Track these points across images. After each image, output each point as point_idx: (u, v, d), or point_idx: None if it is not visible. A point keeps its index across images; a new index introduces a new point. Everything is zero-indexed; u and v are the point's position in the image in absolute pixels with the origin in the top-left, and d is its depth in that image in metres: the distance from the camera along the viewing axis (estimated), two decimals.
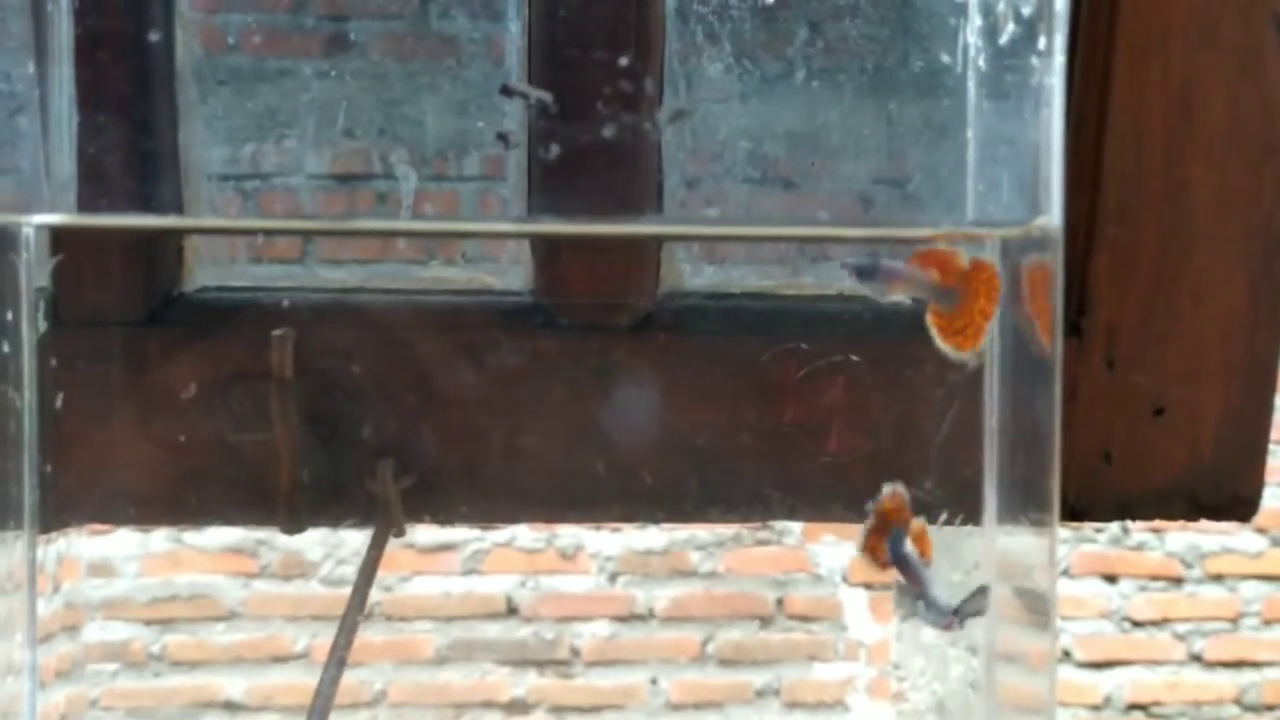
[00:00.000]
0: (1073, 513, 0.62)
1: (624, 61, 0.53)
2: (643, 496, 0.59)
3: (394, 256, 0.63)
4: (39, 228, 0.52)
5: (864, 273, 0.52)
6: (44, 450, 0.54)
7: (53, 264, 0.54)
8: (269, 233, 0.62)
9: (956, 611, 0.54)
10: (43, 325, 0.54)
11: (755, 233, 0.59)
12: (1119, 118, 0.59)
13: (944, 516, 0.52)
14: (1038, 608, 0.48)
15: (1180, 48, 0.59)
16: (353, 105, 0.61)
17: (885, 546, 0.55)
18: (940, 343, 0.52)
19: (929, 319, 0.53)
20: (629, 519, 0.59)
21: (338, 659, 0.51)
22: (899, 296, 0.52)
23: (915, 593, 0.55)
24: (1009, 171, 0.47)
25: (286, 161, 0.62)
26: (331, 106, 0.61)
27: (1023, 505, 0.47)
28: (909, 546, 0.54)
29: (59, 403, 0.54)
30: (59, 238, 0.54)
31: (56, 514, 0.55)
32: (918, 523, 0.54)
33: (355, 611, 0.54)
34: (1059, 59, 0.44)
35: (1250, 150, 0.60)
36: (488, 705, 2.26)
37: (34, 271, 0.53)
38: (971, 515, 0.52)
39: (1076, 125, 0.60)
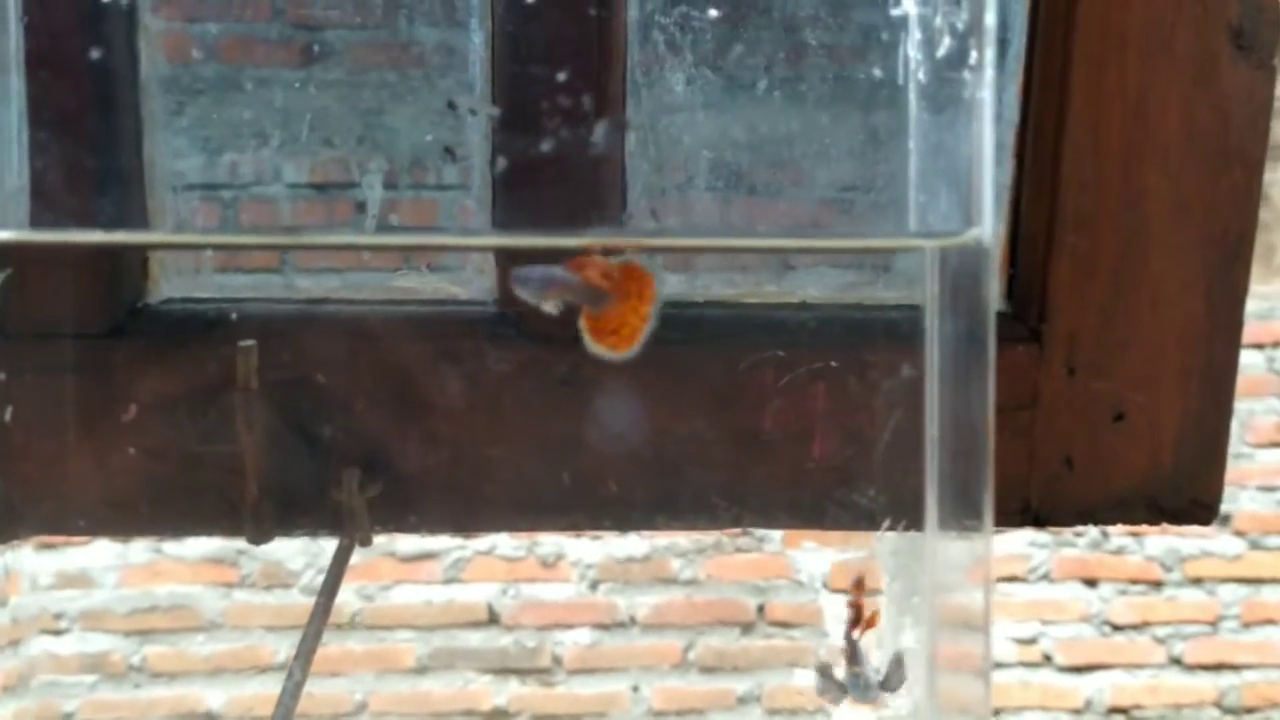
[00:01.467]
0: (1036, 518, 0.63)
1: (584, 73, 0.53)
2: (607, 503, 0.60)
3: (370, 265, 0.63)
4: None
5: (521, 281, 0.53)
6: None
7: (1, 278, 0.54)
8: (224, 247, 0.62)
9: (883, 685, 0.55)
10: None
11: (713, 244, 0.60)
12: (1076, 127, 0.59)
13: (887, 523, 0.53)
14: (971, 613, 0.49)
15: (1136, 57, 0.59)
16: (330, 114, 0.62)
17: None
18: (593, 345, 0.54)
19: (581, 323, 0.54)
20: (594, 526, 0.60)
21: (301, 664, 0.52)
22: (554, 302, 0.53)
23: (849, 675, 0.57)
24: (946, 183, 0.47)
25: (262, 171, 0.62)
26: (308, 116, 0.61)
27: (963, 510, 0.48)
28: (853, 636, 0.56)
29: (8, 416, 0.54)
30: (7, 253, 0.54)
31: (6, 526, 0.55)
32: (872, 604, 0.56)
33: (319, 619, 0.54)
34: (989, 73, 0.44)
35: (1207, 158, 0.60)
36: (469, 714, 2.26)
37: None
38: (914, 522, 0.53)
39: (1035, 134, 0.61)
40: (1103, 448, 0.62)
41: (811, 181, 0.62)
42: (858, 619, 0.58)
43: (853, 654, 0.57)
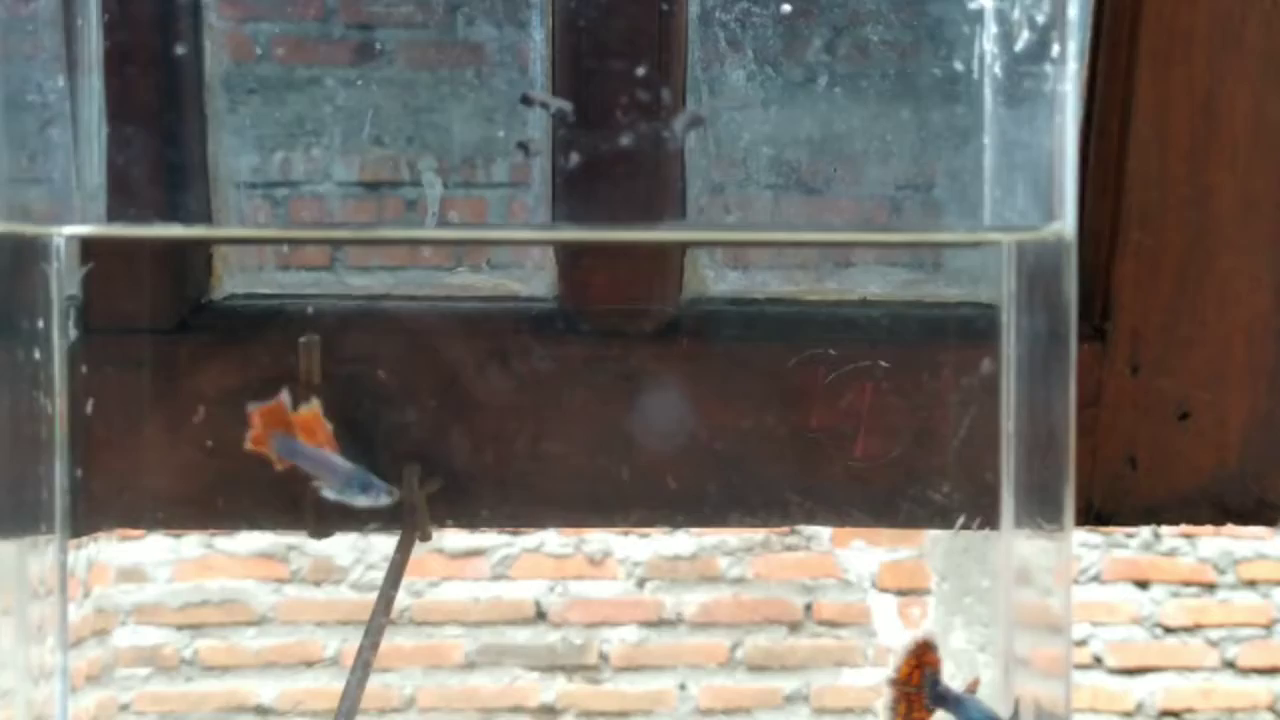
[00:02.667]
0: (1098, 518, 0.62)
1: (645, 69, 0.53)
2: (666, 501, 0.60)
3: (421, 264, 0.63)
4: (69, 238, 0.53)
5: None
6: (75, 456, 0.55)
7: (82, 273, 0.54)
8: (295, 242, 0.62)
9: None
10: (73, 333, 0.54)
11: (775, 238, 0.60)
12: (1142, 123, 0.59)
13: (961, 520, 0.52)
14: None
15: (1204, 52, 0.58)
16: (381, 113, 0.62)
17: (921, 700, 0.55)
18: None
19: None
20: (652, 523, 0.60)
21: (363, 662, 0.52)
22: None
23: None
24: (1024, 177, 0.46)
25: (315, 169, 0.62)
26: (360, 114, 0.62)
27: (1040, 509, 0.47)
28: (942, 686, 0.54)
29: (89, 409, 0.55)
30: (88, 247, 0.55)
31: (87, 518, 0.56)
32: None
33: (381, 615, 0.55)
34: (1072, 66, 0.44)
35: (1275, 154, 0.59)
36: (516, 710, 2.26)
37: (64, 280, 0.54)
38: (989, 520, 0.52)
39: (1099, 131, 0.60)
40: (1167, 447, 0.62)
41: (871, 179, 0.61)
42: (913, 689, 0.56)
43: (951, 703, 0.55)
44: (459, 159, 0.62)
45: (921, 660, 0.54)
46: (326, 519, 0.59)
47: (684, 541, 2.27)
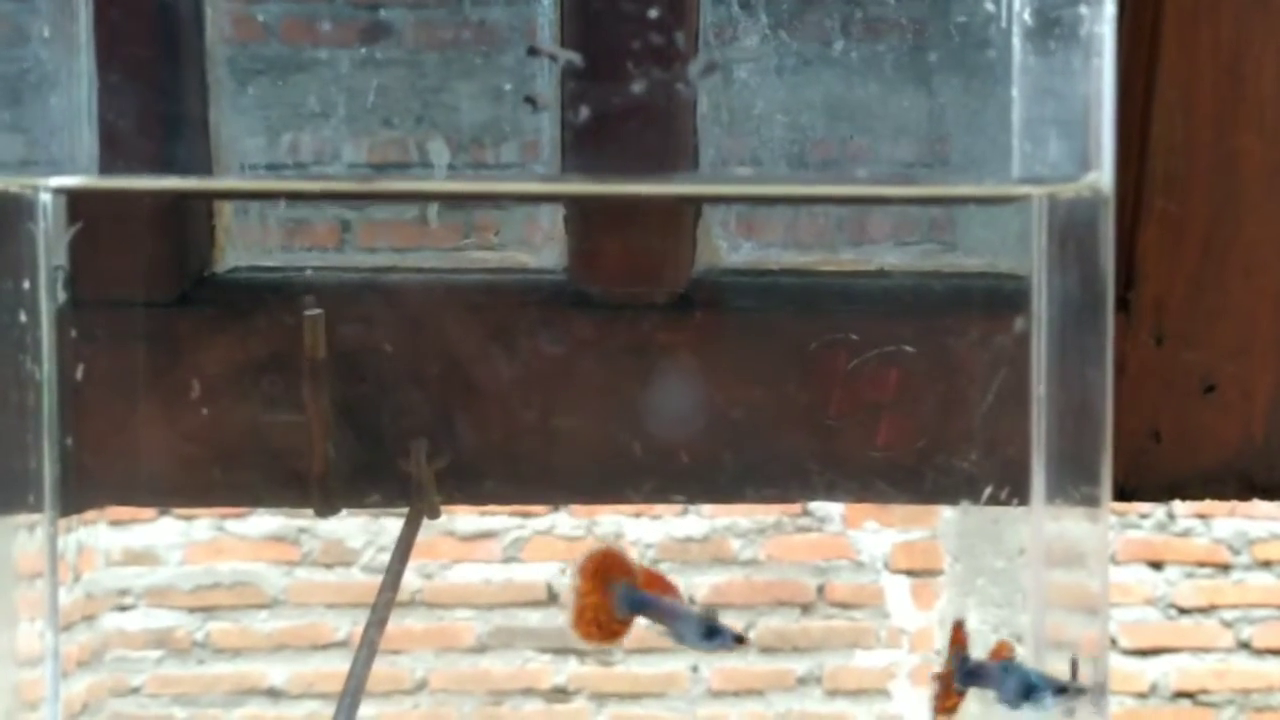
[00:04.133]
0: (1121, 493, 0.61)
1: (656, 14, 0.51)
2: (679, 475, 0.59)
3: (429, 244, 0.63)
4: (56, 193, 0.51)
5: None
6: (64, 425, 0.53)
7: (71, 233, 0.53)
8: (295, 196, 0.61)
9: (1065, 690, 0.50)
10: (62, 296, 0.53)
11: (791, 192, 0.58)
12: (1167, 87, 0.57)
13: (988, 492, 0.51)
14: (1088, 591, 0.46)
15: (1231, 13, 0.57)
16: (389, 93, 0.61)
17: (954, 685, 0.53)
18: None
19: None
20: (665, 499, 0.59)
21: (370, 639, 0.51)
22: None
23: (1013, 689, 0.52)
24: (1057, 129, 0.45)
25: (324, 150, 0.61)
26: (368, 95, 0.61)
27: (1072, 480, 0.46)
28: (973, 661, 0.52)
29: (79, 376, 0.54)
30: (80, 207, 0.53)
31: (79, 493, 0.55)
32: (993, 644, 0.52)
33: (389, 590, 0.54)
34: (1109, 6, 0.42)
35: None
36: (528, 692, 2.26)
37: (53, 240, 0.52)
38: (1018, 492, 0.51)
39: (1123, 95, 0.58)
40: (1192, 420, 0.60)
41: (888, 146, 0.60)
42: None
43: (984, 678, 0.52)
44: (469, 139, 0.61)
45: (952, 643, 0.53)
46: (333, 496, 0.58)
47: (696, 523, 2.26)
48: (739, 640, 0.53)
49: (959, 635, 0.53)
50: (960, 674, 0.53)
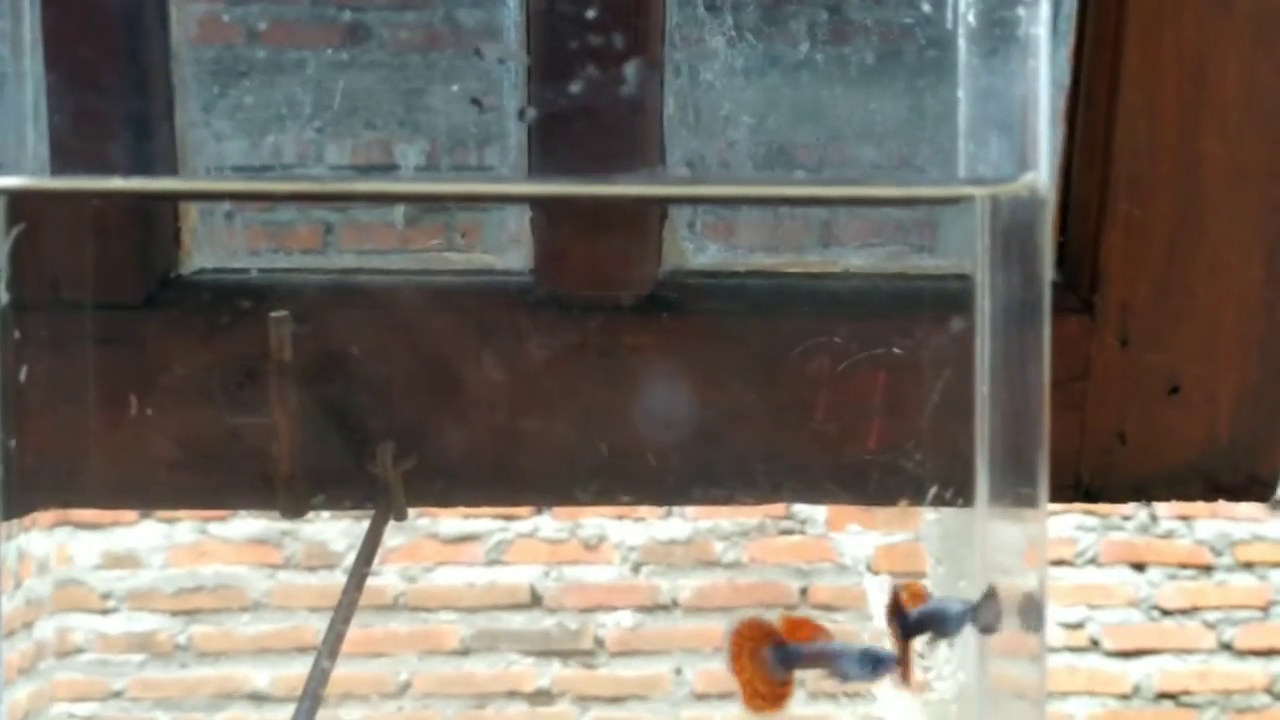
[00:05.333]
0: (1087, 494, 0.61)
1: (617, 16, 0.51)
2: (644, 477, 0.59)
3: (399, 246, 0.63)
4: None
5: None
6: (7, 426, 0.53)
7: (13, 235, 0.53)
8: (257, 198, 0.61)
9: (974, 619, 0.51)
10: (4, 296, 0.53)
11: (755, 193, 0.58)
12: (1130, 90, 0.58)
13: (933, 492, 0.51)
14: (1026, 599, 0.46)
15: (1194, 17, 0.57)
16: (371, 96, 0.61)
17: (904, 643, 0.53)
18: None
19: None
20: (629, 500, 0.59)
21: (332, 641, 0.51)
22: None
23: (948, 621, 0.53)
24: (998, 130, 0.45)
25: (306, 153, 0.61)
26: (349, 97, 0.61)
27: (1016, 481, 0.46)
28: (911, 615, 0.53)
29: (23, 376, 0.54)
30: (24, 209, 0.53)
31: (29, 494, 0.54)
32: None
33: (353, 591, 0.54)
34: (1044, 8, 0.42)
35: (1266, 122, 0.58)
36: (512, 695, 2.26)
37: None
38: (963, 491, 0.51)
39: (1087, 98, 0.59)
40: (1157, 421, 0.61)
41: (854, 150, 0.60)
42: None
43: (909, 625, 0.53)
44: (451, 142, 0.61)
45: (892, 613, 0.53)
46: (299, 498, 0.58)
47: (679, 526, 2.26)
48: (897, 661, 0.53)
49: (896, 603, 0.53)
50: (901, 628, 0.53)
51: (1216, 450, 0.61)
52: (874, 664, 0.52)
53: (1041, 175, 0.43)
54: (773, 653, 0.53)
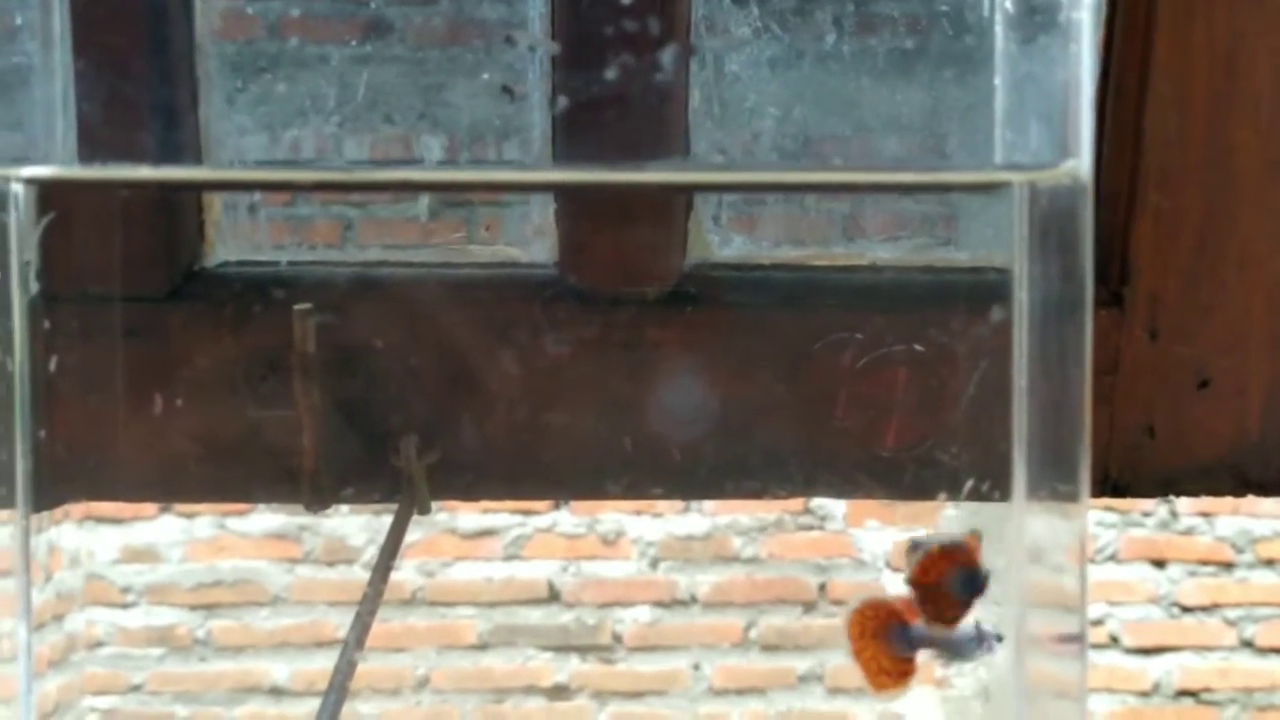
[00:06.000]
0: (1115, 488, 0.61)
1: (645, 3, 0.51)
2: (669, 471, 0.58)
3: (422, 240, 0.62)
4: (28, 183, 0.51)
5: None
6: (37, 417, 0.53)
7: (43, 224, 0.53)
8: (278, 188, 0.61)
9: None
10: (35, 287, 0.53)
11: (771, 179, 0.58)
12: (1161, 80, 0.57)
13: (969, 485, 0.50)
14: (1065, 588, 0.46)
15: (1225, 6, 0.57)
16: (391, 90, 0.61)
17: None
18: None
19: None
20: (654, 495, 0.58)
21: (357, 634, 0.51)
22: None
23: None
24: (1038, 117, 0.45)
25: (325, 148, 0.61)
26: (370, 92, 0.61)
27: (1052, 473, 0.46)
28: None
29: (53, 367, 0.54)
30: (52, 198, 0.53)
31: (54, 486, 0.54)
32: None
33: (377, 585, 0.54)
34: None
35: None
36: (530, 690, 2.26)
37: (24, 231, 0.52)
38: (1000, 484, 0.51)
39: (1116, 88, 0.58)
40: (1186, 415, 0.60)
41: (881, 142, 0.60)
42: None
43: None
44: (471, 136, 0.61)
45: (950, 560, 0.52)
46: (323, 492, 0.58)
47: (697, 521, 2.26)
48: (999, 638, 0.53)
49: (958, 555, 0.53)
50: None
51: (1246, 444, 0.61)
52: (980, 640, 0.52)
53: (1084, 162, 0.42)
54: (898, 632, 0.53)
